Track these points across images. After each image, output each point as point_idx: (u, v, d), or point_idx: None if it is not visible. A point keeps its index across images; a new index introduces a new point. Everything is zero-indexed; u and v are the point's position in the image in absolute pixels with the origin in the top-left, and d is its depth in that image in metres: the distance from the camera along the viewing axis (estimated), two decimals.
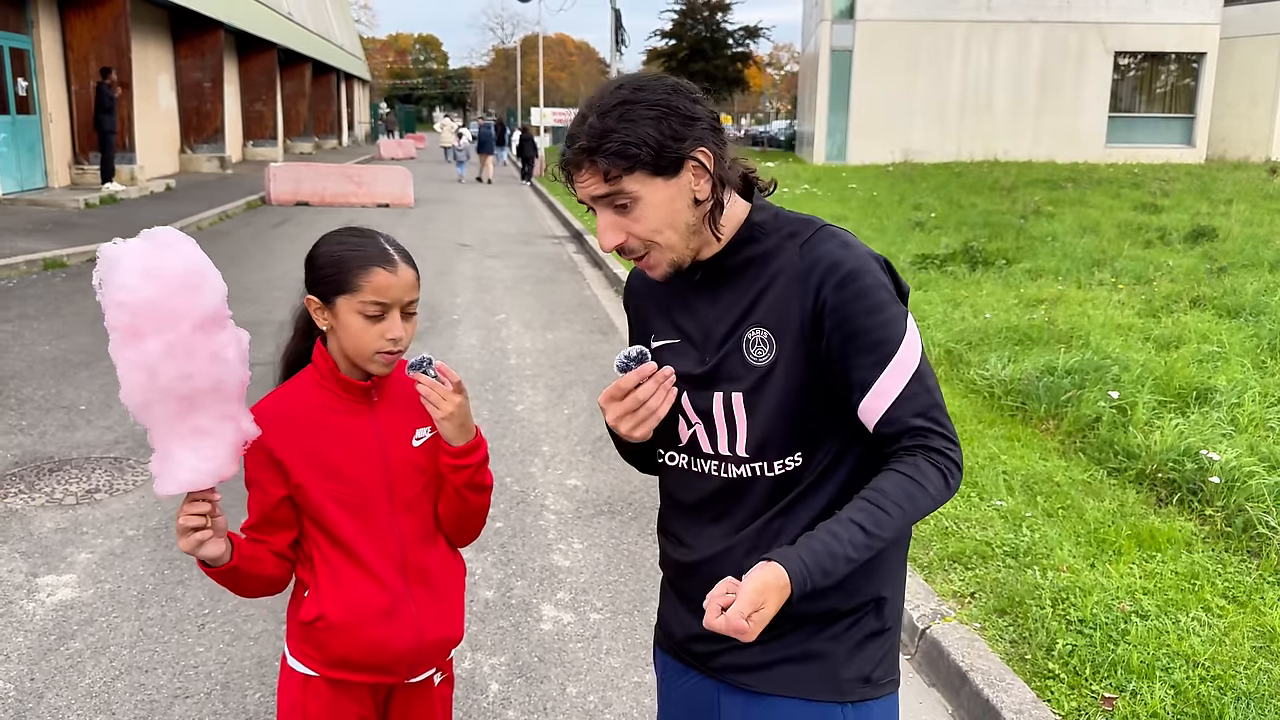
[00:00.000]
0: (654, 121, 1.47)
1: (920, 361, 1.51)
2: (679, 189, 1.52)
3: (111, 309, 1.61)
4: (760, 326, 1.55)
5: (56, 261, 11.22)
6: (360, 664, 1.87)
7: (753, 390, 1.55)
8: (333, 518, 1.82)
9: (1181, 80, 29.56)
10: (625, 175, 1.48)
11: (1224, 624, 3.41)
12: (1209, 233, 11.88)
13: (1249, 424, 5.13)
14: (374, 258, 1.77)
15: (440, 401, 1.76)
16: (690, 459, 1.66)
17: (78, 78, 18.14)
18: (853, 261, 1.50)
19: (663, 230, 1.53)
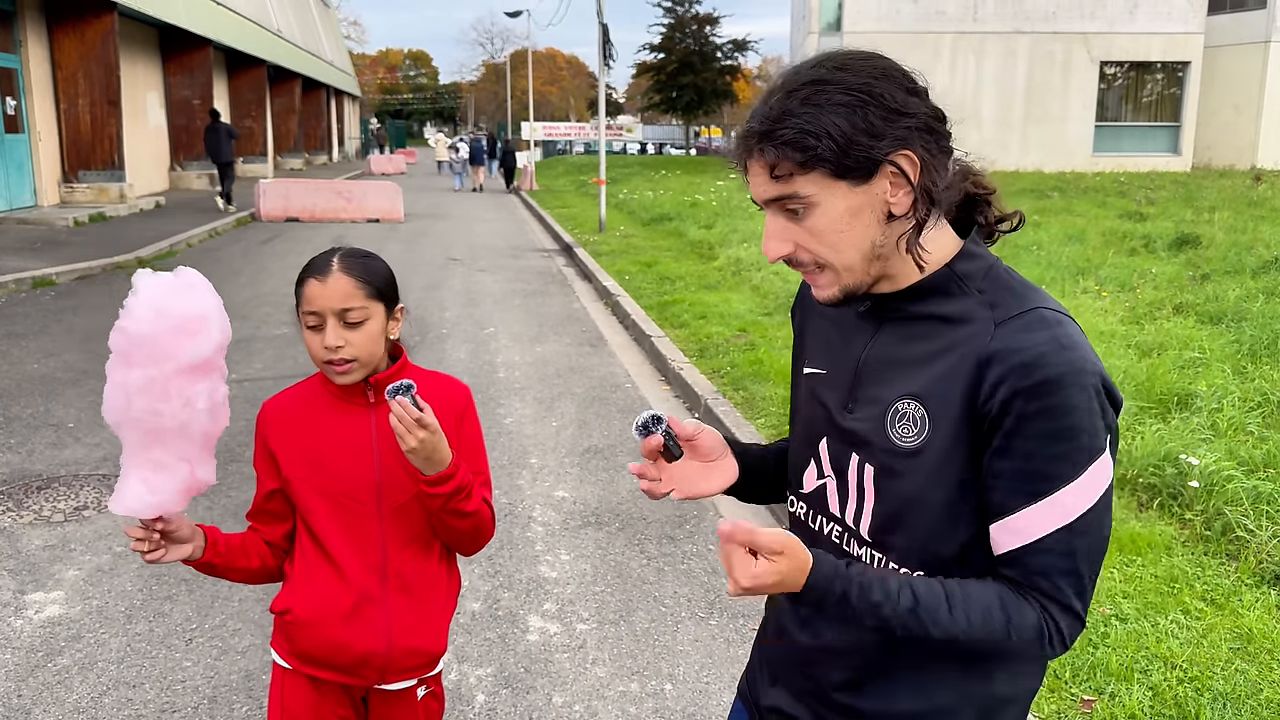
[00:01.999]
0: (847, 110, 1.18)
1: (1085, 515, 1.20)
2: (869, 199, 1.22)
3: (115, 331, 1.67)
4: (915, 401, 1.26)
5: (45, 280, 11.22)
6: (324, 661, 1.90)
7: (886, 471, 1.29)
8: (317, 513, 1.87)
9: (1167, 89, 29.78)
10: (799, 173, 1.21)
11: (1202, 626, 3.45)
12: (1193, 240, 11.98)
13: (1228, 429, 5.18)
14: (310, 270, 1.83)
15: (405, 435, 1.74)
16: (813, 514, 1.42)
17: (66, 97, 18.18)
18: (1057, 368, 1.16)
19: (841, 248, 1.24)
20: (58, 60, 18.07)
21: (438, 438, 1.76)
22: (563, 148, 65.28)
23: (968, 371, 1.22)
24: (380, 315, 1.85)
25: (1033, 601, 1.23)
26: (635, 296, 10.44)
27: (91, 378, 7.17)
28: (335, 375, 1.83)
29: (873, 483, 1.31)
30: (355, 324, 1.81)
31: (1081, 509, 1.20)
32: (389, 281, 1.89)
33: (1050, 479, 1.19)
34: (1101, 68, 29.15)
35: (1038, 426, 1.17)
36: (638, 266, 12.48)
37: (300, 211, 19.43)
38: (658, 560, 4.40)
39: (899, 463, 1.27)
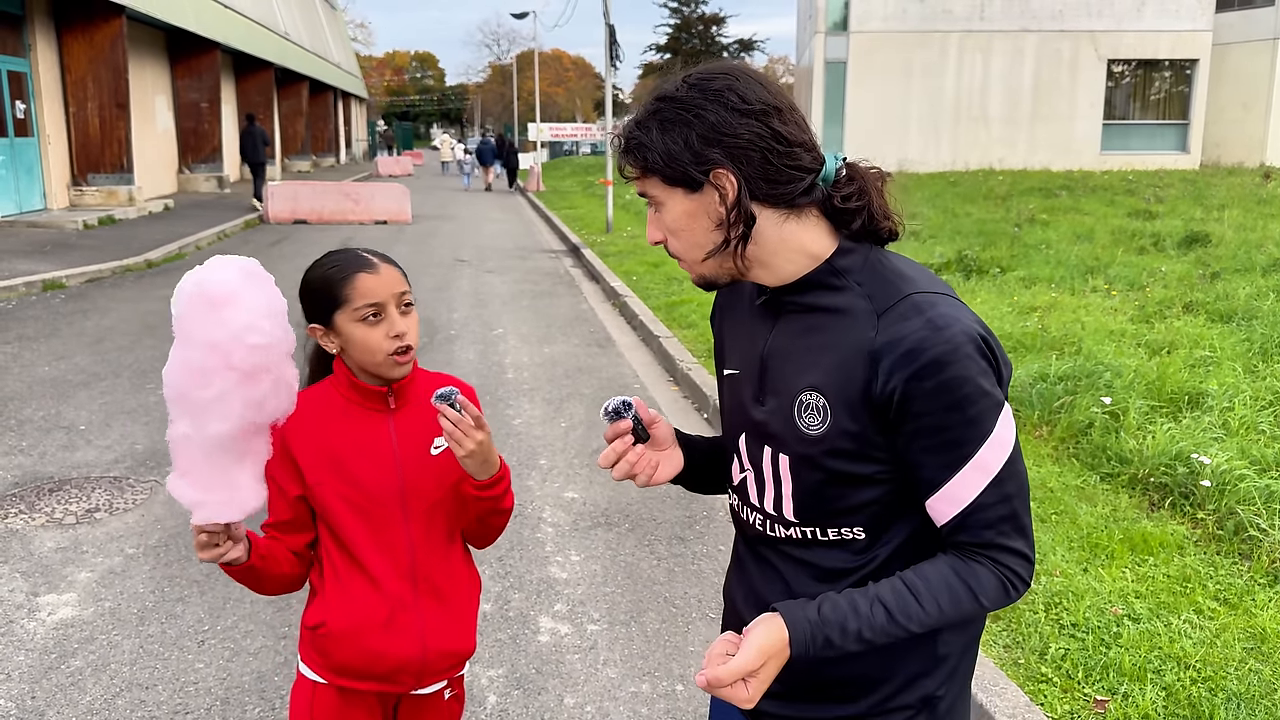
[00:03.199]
0: (673, 129, 1.33)
1: (1005, 464, 1.32)
2: (702, 206, 1.36)
3: (242, 352, 1.61)
4: (816, 392, 1.36)
5: (55, 283, 11.27)
6: (362, 672, 1.88)
7: (801, 459, 1.39)
8: (343, 521, 1.84)
9: (1175, 87, 29.68)
10: (644, 177, 1.39)
11: (1215, 626, 3.44)
12: (1202, 238, 11.94)
13: (1240, 428, 5.16)
14: (353, 265, 1.81)
15: (463, 439, 1.72)
16: (740, 504, 1.54)
17: (75, 100, 18.26)
18: (937, 348, 1.27)
19: (687, 241, 1.40)
20: (67, 64, 18.15)
21: (490, 440, 1.77)
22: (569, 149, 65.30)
23: (861, 364, 1.32)
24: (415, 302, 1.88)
25: (983, 560, 1.34)
26: (643, 297, 10.44)
27: (102, 380, 7.20)
28: (398, 368, 1.82)
29: (789, 470, 1.41)
30: (408, 311, 1.83)
31: (1001, 461, 1.32)
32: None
33: (966, 444, 1.30)
34: (1109, 66, 29.06)
35: (938, 403, 1.28)
36: (645, 267, 12.48)
37: (308, 214, 19.47)
38: (668, 561, 4.40)
39: (808, 448, 1.38)
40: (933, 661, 1.43)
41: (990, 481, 1.31)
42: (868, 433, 1.34)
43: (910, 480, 1.36)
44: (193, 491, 1.65)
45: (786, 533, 1.45)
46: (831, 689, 1.45)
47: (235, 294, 1.61)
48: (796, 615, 1.31)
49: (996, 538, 1.33)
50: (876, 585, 1.34)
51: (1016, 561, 1.34)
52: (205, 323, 1.59)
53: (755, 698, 1.27)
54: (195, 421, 1.62)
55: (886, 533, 1.40)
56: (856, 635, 1.30)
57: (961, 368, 1.28)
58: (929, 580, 1.32)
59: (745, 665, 1.26)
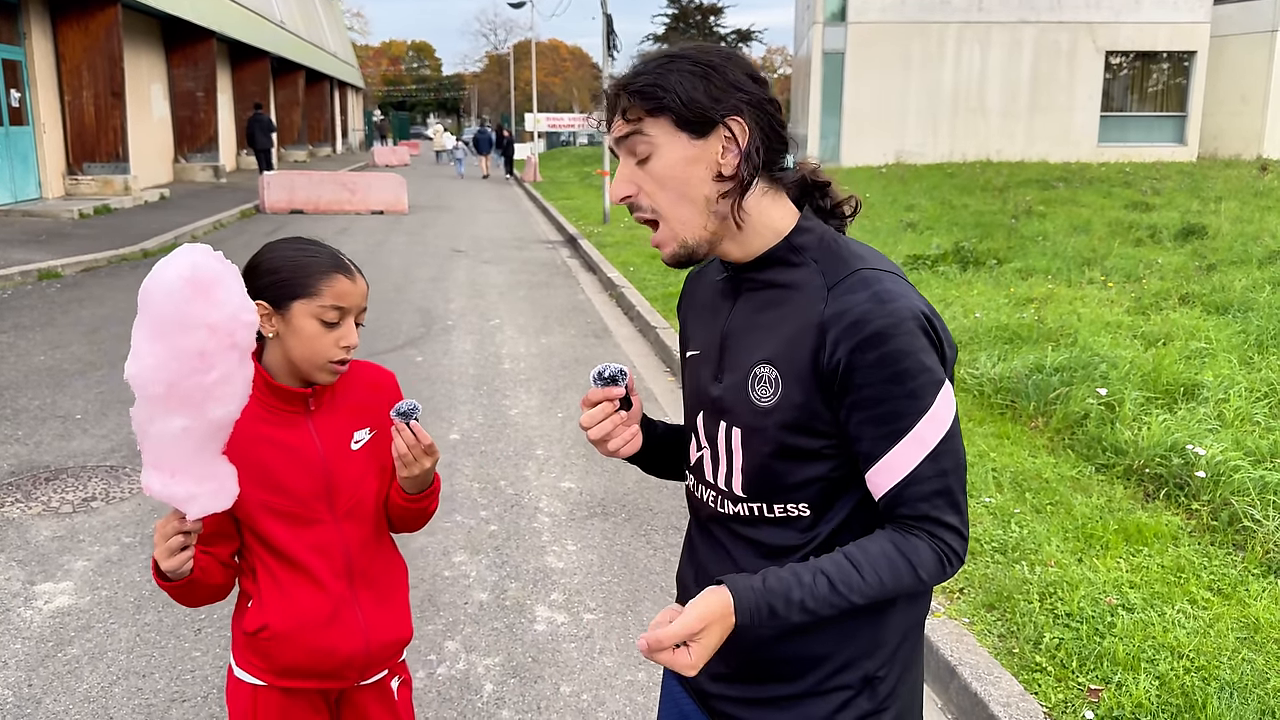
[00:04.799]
0: (692, 75, 1.37)
1: (942, 440, 1.35)
2: (703, 154, 1.39)
3: (242, 329, 1.61)
4: (769, 364, 1.41)
5: (51, 272, 11.25)
6: (308, 671, 1.86)
7: (752, 430, 1.43)
8: (270, 529, 1.81)
9: (1173, 79, 29.64)
10: (647, 118, 1.38)
11: (1209, 616, 3.45)
12: (1199, 230, 11.94)
13: (1235, 419, 5.17)
14: (334, 264, 1.79)
15: (411, 463, 1.75)
16: (696, 483, 1.57)
17: (70, 89, 18.18)
18: (881, 320, 1.31)
19: (675, 191, 1.40)
20: (62, 52, 18.06)
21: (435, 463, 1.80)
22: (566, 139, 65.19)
23: (811, 335, 1.36)
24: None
25: (920, 534, 1.36)
26: (640, 288, 10.44)
27: (98, 369, 7.19)
28: (331, 376, 1.80)
29: (740, 444, 1.45)
30: (360, 325, 1.84)
31: (939, 436, 1.35)
32: None
33: (904, 417, 1.33)
34: (1107, 57, 29.01)
35: (879, 374, 1.32)
36: (642, 258, 12.47)
37: (304, 204, 19.44)
38: (664, 550, 4.41)
39: (759, 420, 1.41)
40: (874, 644, 1.46)
41: (927, 455, 1.34)
42: (815, 404, 1.37)
43: (852, 454, 1.39)
44: (184, 486, 1.63)
45: (735, 509, 1.48)
46: (774, 668, 1.48)
47: (222, 275, 1.59)
48: (740, 584, 1.33)
49: (931, 510, 1.36)
50: (819, 559, 1.37)
51: (951, 536, 1.37)
52: (203, 306, 1.56)
53: (697, 664, 1.28)
54: (195, 410, 1.59)
55: (830, 510, 1.43)
56: (800, 605, 1.32)
57: (903, 341, 1.31)
58: (869, 553, 1.35)
59: (684, 629, 1.28)
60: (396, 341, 8.44)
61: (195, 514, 1.63)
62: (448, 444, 5.76)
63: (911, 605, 1.49)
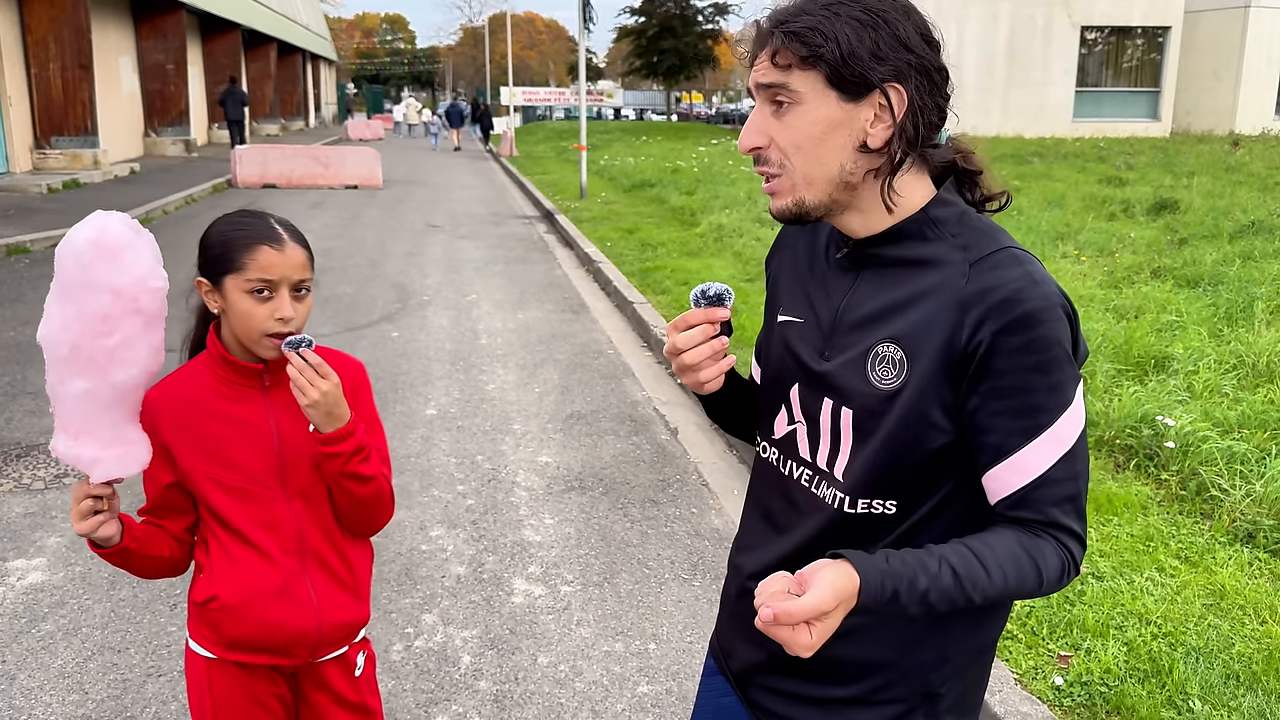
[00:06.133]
0: (859, 25, 1.22)
1: (1078, 440, 1.24)
2: (850, 119, 1.25)
3: (147, 294, 1.61)
4: (894, 344, 1.28)
5: (20, 247, 11.09)
6: (256, 645, 1.84)
7: (867, 413, 1.30)
8: (221, 504, 1.79)
9: (1147, 54, 29.75)
10: (798, 68, 1.24)
11: (1176, 583, 3.51)
12: (1171, 205, 12.05)
13: (1204, 391, 5.24)
14: (260, 235, 1.74)
15: (307, 387, 1.69)
16: (784, 458, 1.43)
17: (37, 61, 17.87)
18: (1034, 302, 1.20)
19: (808, 156, 1.27)
20: (28, 24, 17.73)
21: (338, 391, 1.72)
22: (542, 113, 64.75)
23: (948, 313, 1.24)
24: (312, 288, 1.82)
25: (1046, 537, 1.25)
26: (617, 263, 10.42)
27: None
28: (270, 349, 1.75)
29: (849, 426, 1.32)
30: (302, 296, 1.77)
31: (1075, 436, 1.24)
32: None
33: (1046, 412, 1.22)
34: (1083, 32, 29.09)
35: (1025, 360, 1.20)
36: (619, 233, 12.44)
37: (277, 178, 19.23)
38: (641, 524, 4.43)
39: (879, 405, 1.29)
40: (940, 657, 1.35)
41: (1063, 455, 1.23)
42: (941, 392, 1.25)
43: (973, 447, 1.26)
44: (89, 449, 1.64)
45: (827, 491, 1.35)
46: (827, 667, 1.37)
47: (129, 242, 1.60)
48: (868, 563, 1.18)
49: (1061, 517, 1.24)
50: (939, 547, 1.23)
51: (1076, 545, 1.26)
52: (107, 270, 1.58)
53: (816, 645, 1.13)
54: (98, 373, 1.61)
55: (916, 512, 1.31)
56: (923, 596, 1.19)
57: (1054, 328, 1.21)
58: (995, 550, 1.23)
59: (819, 604, 1.12)
60: (372, 317, 8.39)
61: (99, 477, 1.65)
62: (424, 419, 5.75)
63: (985, 620, 1.37)
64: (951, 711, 1.38)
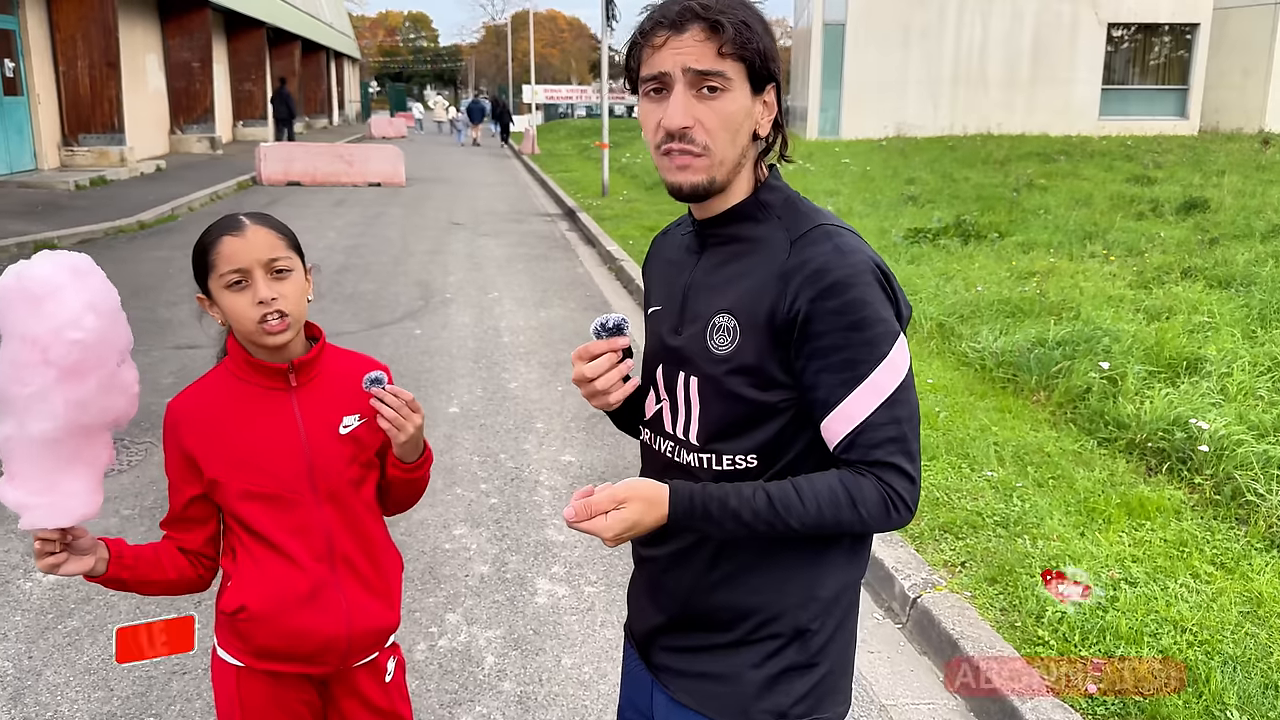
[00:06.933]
0: (764, 28, 1.41)
1: (898, 389, 1.38)
2: (751, 110, 1.43)
3: (61, 346, 1.50)
4: (728, 314, 1.44)
5: (47, 244, 11.17)
6: (285, 654, 1.81)
7: (708, 379, 1.46)
8: (247, 511, 1.77)
9: (1175, 52, 29.42)
10: (732, 58, 1.38)
11: (1211, 590, 3.44)
12: (1201, 204, 11.88)
13: (1238, 393, 5.15)
14: (220, 229, 1.72)
15: (404, 424, 1.72)
16: (654, 435, 1.58)
17: (65, 59, 18.01)
18: (842, 270, 1.36)
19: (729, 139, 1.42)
20: (56, 22, 17.88)
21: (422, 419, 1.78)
22: (564, 111, 64.76)
23: (773, 284, 1.40)
24: (300, 269, 1.77)
25: (868, 475, 1.38)
26: (639, 261, 10.37)
27: None
28: (269, 337, 1.71)
29: (697, 393, 1.48)
30: (283, 275, 1.72)
31: (895, 384, 1.38)
32: (295, 237, 1.81)
33: (862, 363, 1.36)
34: (1109, 29, 28.79)
35: (838, 321, 1.36)
36: (641, 231, 12.40)
37: (301, 175, 19.32)
38: None
39: (716, 368, 1.44)
40: (807, 597, 1.48)
41: (882, 402, 1.37)
42: (771, 354, 1.40)
43: (807, 403, 1.41)
44: (17, 495, 1.58)
45: (689, 458, 1.50)
46: (709, 618, 1.52)
47: (57, 289, 1.51)
48: (679, 483, 1.39)
49: (884, 456, 1.38)
50: (765, 483, 1.40)
51: (900, 481, 1.38)
52: (24, 317, 1.50)
53: (613, 529, 1.33)
54: (17, 421, 1.54)
55: (777, 463, 1.45)
56: (734, 514, 1.36)
57: (862, 291, 1.36)
58: (813, 483, 1.38)
59: (613, 494, 1.34)
60: (395, 314, 8.40)
61: (26, 525, 1.58)
62: (447, 417, 5.74)
63: (848, 563, 1.52)
64: (825, 649, 1.51)
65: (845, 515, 1.37)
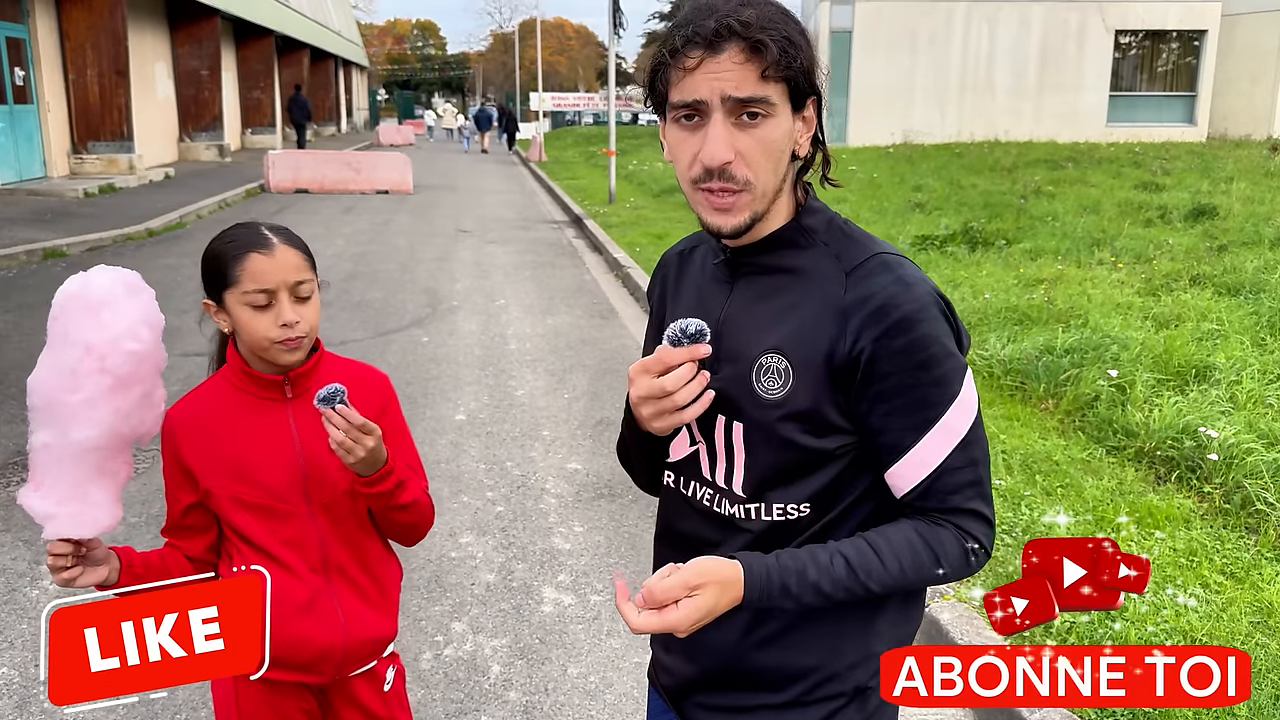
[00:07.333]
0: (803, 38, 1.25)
1: (971, 428, 1.29)
2: (791, 130, 1.29)
3: (117, 356, 1.57)
4: (778, 354, 1.30)
5: (56, 251, 11.22)
6: (283, 662, 1.78)
7: (757, 425, 1.32)
8: (242, 522, 1.77)
9: (1183, 58, 29.38)
10: (774, 79, 1.23)
11: (1222, 599, 3.42)
12: (1209, 211, 11.84)
13: (1247, 401, 5.13)
14: (248, 244, 1.71)
15: (352, 447, 1.67)
16: (685, 480, 1.44)
17: (75, 67, 18.11)
18: (908, 305, 1.25)
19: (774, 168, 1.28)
20: (66, 30, 17.98)
21: (379, 441, 1.71)
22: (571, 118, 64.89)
23: (829, 322, 1.28)
24: (317, 289, 1.78)
25: (947, 525, 1.29)
26: (646, 268, 10.39)
27: None
28: (286, 354, 1.72)
29: (743, 439, 1.33)
30: (305, 298, 1.74)
31: (968, 423, 1.29)
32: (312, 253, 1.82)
33: (934, 405, 1.26)
34: (1116, 36, 28.77)
35: (906, 360, 1.25)
36: (648, 238, 12.41)
37: (309, 183, 19.37)
38: None
39: (767, 414, 1.30)
40: (864, 655, 1.37)
41: (958, 444, 1.28)
42: (828, 396, 1.28)
43: (873, 448, 1.30)
44: (44, 504, 1.60)
45: (732, 509, 1.37)
46: (758, 677, 1.39)
47: (116, 299, 1.58)
48: (752, 558, 1.24)
49: (963, 502, 1.29)
50: (836, 542, 1.28)
51: (980, 527, 1.31)
52: (83, 325, 1.56)
53: (685, 621, 1.18)
54: (60, 428, 1.58)
55: (831, 511, 1.34)
56: (814, 587, 1.24)
57: (929, 326, 1.25)
58: (891, 539, 1.28)
59: (683, 582, 1.19)
60: (402, 322, 8.41)
61: (50, 534, 1.60)
62: (453, 424, 5.74)
63: (903, 617, 1.41)
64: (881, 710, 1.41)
65: (926, 572, 1.27)
